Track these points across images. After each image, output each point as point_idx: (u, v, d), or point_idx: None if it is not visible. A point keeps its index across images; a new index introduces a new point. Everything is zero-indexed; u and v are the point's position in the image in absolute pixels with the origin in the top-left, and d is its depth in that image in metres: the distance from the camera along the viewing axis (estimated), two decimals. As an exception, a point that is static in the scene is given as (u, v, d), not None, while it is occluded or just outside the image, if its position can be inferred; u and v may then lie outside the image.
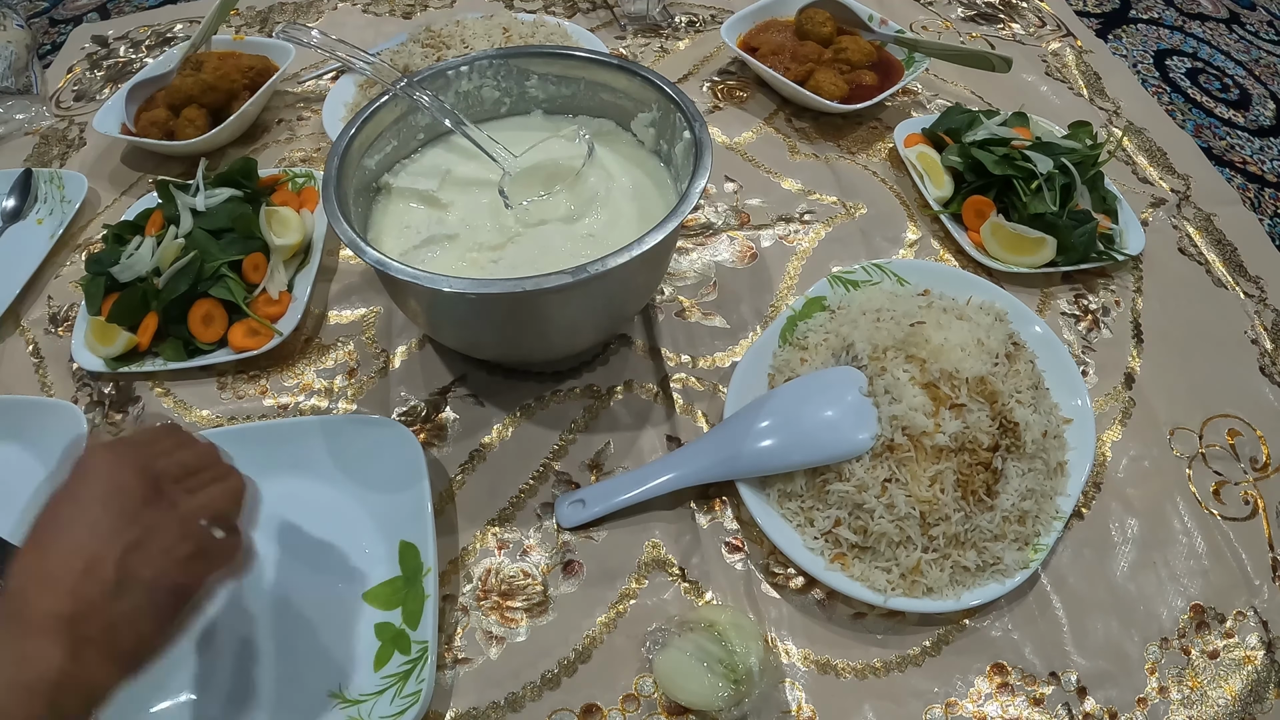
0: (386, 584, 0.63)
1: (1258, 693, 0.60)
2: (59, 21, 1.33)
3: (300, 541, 0.65)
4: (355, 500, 0.67)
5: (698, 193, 0.63)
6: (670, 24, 1.20)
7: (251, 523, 0.50)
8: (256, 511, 0.50)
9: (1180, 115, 1.10)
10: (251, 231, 0.80)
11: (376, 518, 0.66)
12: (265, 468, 0.67)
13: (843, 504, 0.62)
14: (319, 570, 0.64)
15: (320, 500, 0.67)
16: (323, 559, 0.65)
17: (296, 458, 0.68)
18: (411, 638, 0.59)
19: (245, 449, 0.67)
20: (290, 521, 0.66)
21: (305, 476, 0.68)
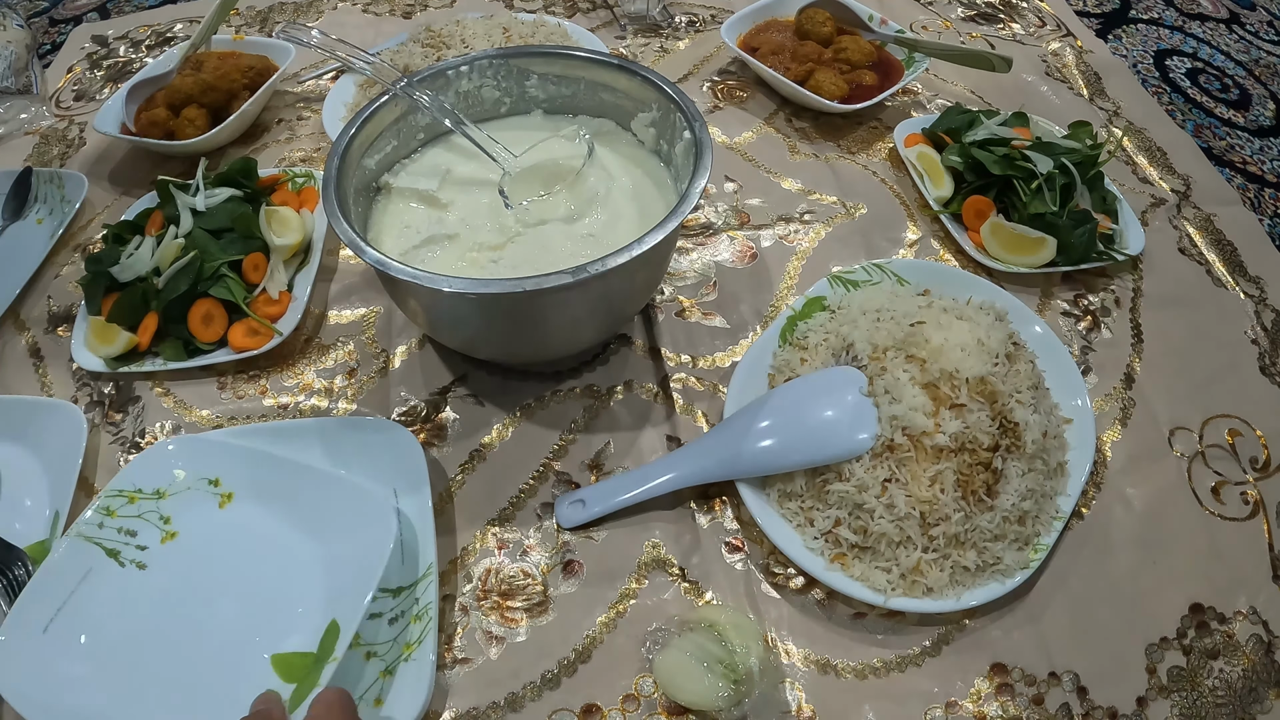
0: (299, 655, 0.59)
1: (1258, 693, 0.60)
2: (59, 21, 1.33)
3: (297, 543, 0.65)
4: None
5: (698, 193, 0.63)
6: (670, 24, 1.20)
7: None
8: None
9: (1180, 115, 1.10)
10: (251, 231, 0.80)
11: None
12: (264, 469, 0.68)
13: (843, 504, 0.62)
14: (315, 573, 0.64)
15: (320, 501, 0.67)
16: (320, 561, 0.64)
17: (296, 459, 0.68)
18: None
19: (244, 449, 0.68)
20: (288, 524, 0.66)
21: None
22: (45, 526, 0.67)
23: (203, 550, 0.64)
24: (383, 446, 0.67)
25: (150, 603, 0.61)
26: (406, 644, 0.59)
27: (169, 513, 0.65)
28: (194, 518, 0.65)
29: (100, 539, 0.63)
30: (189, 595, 0.62)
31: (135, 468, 0.66)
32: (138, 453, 0.73)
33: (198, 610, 0.61)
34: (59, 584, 0.60)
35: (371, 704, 0.57)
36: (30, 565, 0.64)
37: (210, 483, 0.66)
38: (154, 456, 0.67)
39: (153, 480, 0.66)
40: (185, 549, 0.64)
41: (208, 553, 0.64)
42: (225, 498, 0.66)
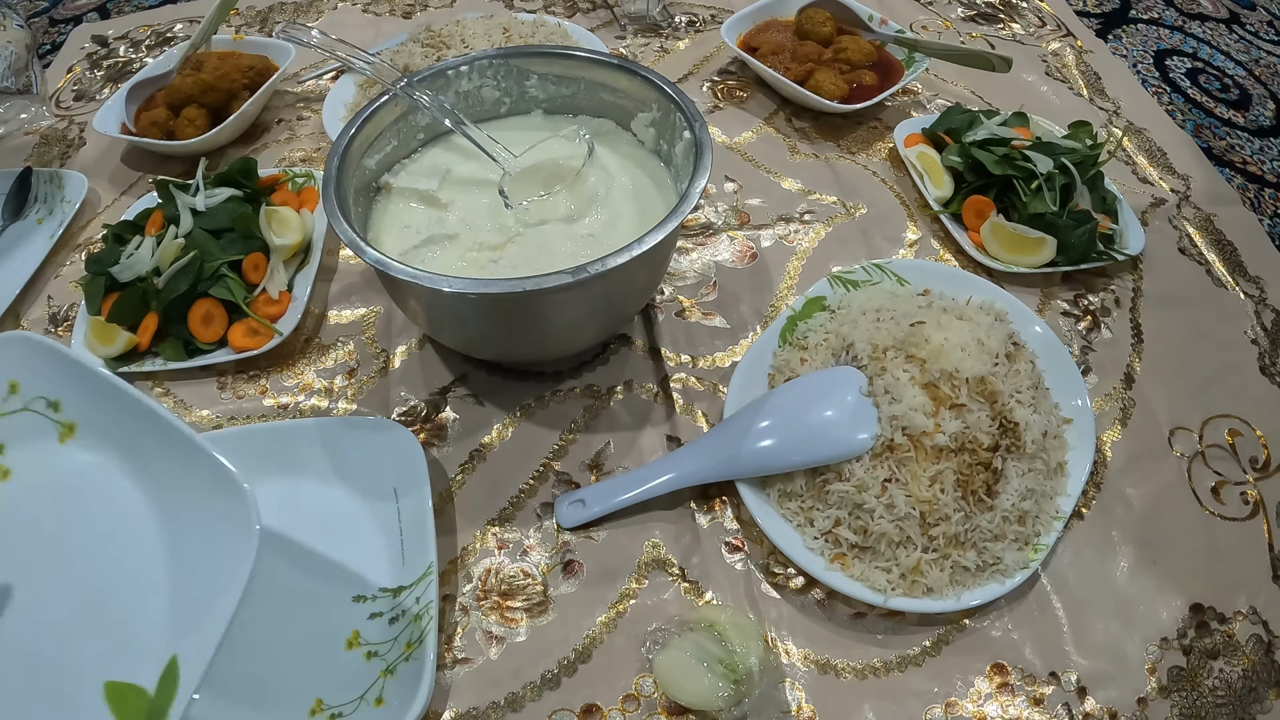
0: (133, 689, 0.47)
1: (1258, 693, 0.60)
2: (59, 21, 1.33)
3: (297, 544, 0.65)
4: (355, 501, 0.67)
5: (698, 193, 0.63)
6: (670, 24, 1.20)
7: None
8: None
9: (1180, 115, 1.10)
10: (251, 231, 0.80)
11: (377, 519, 0.66)
12: (264, 469, 0.68)
13: (843, 504, 0.62)
14: (314, 573, 0.64)
15: (319, 502, 0.67)
16: (320, 562, 0.65)
17: (296, 459, 0.68)
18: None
19: (245, 450, 0.68)
20: (288, 523, 0.66)
21: (305, 478, 0.68)
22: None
23: (31, 502, 0.51)
24: (383, 446, 0.67)
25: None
26: (407, 644, 0.59)
27: (3, 439, 0.53)
28: (28, 453, 0.52)
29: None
30: (3, 567, 0.49)
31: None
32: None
33: (14, 595, 0.48)
34: None
35: (372, 704, 0.57)
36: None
37: (50, 405, 0.53)
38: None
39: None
40: (12, 496, 0.51)
41: (36, 508, 0.51)
42: (66, 429, 0.53)
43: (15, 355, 0.53)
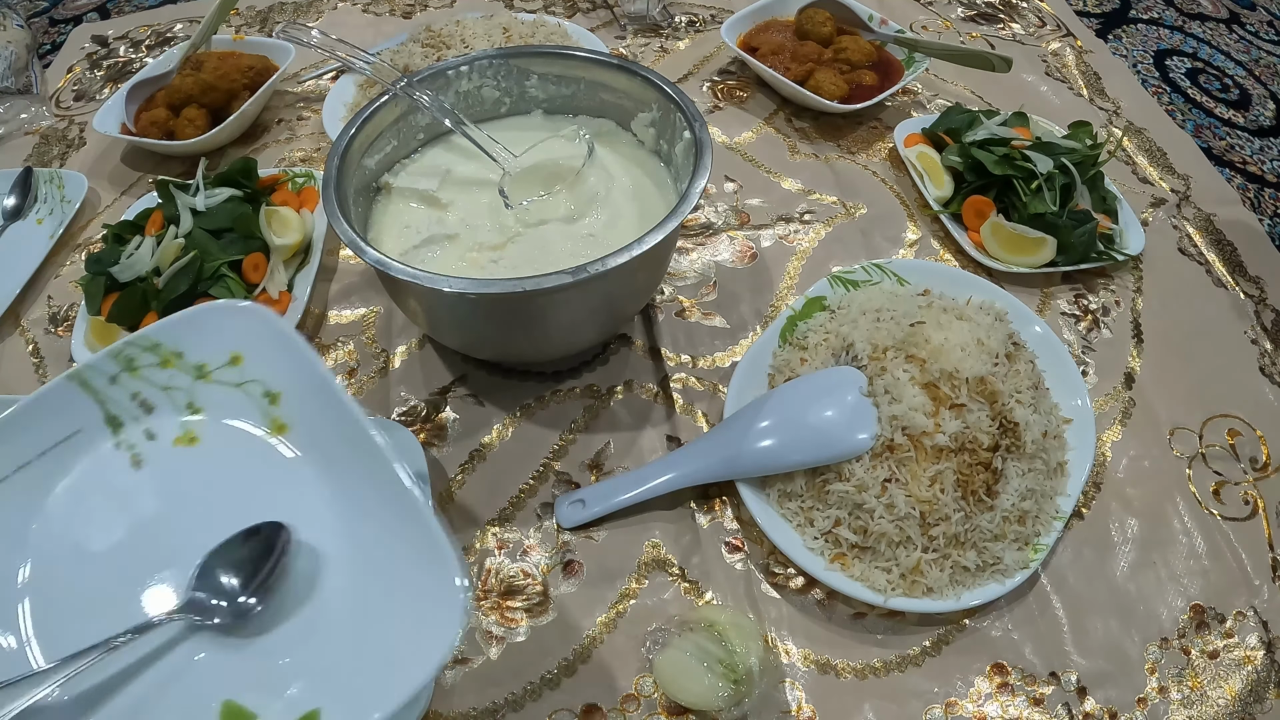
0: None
1: (1258, 693, 0.60)
2: (59, 21, 1.33)
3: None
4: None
5: (698, 193, 0.63)
6: (670, 24, 1.20)
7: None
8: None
9: (1180, 115, 1.10)
10: (251, 231, 0.80)
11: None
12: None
13: (843, 504, 0.62)
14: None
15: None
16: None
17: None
18: None
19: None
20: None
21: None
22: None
23: (211, 484, 0.48)
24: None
25: (119, 526, 0.47)
26: (406, 644, 0.59)
27: (202, 403, 0.49)
28: (226, 431, 0.49)
29: (106, 396, 0.48)
30: (164, 544, 0.46)
31: (184, 322, 0.49)
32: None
33: (165, 573, 0.45)
34: (31, 435, 0.47)
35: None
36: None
37: (268, 395, 0.49)
38: (214, 317, 0.50)
39: (200, 349, 0.49)
40: (194, 470, 0.48)
41: (214, 492, 0.48)
42: (276, 426, 0.49)
43: (246, 329, 0.49)
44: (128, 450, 0.49)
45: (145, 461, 0.48)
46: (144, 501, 0.48)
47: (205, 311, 0.50)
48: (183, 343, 0.49)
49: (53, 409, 0.48)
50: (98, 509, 0.47)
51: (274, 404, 0.49)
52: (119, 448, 0.49)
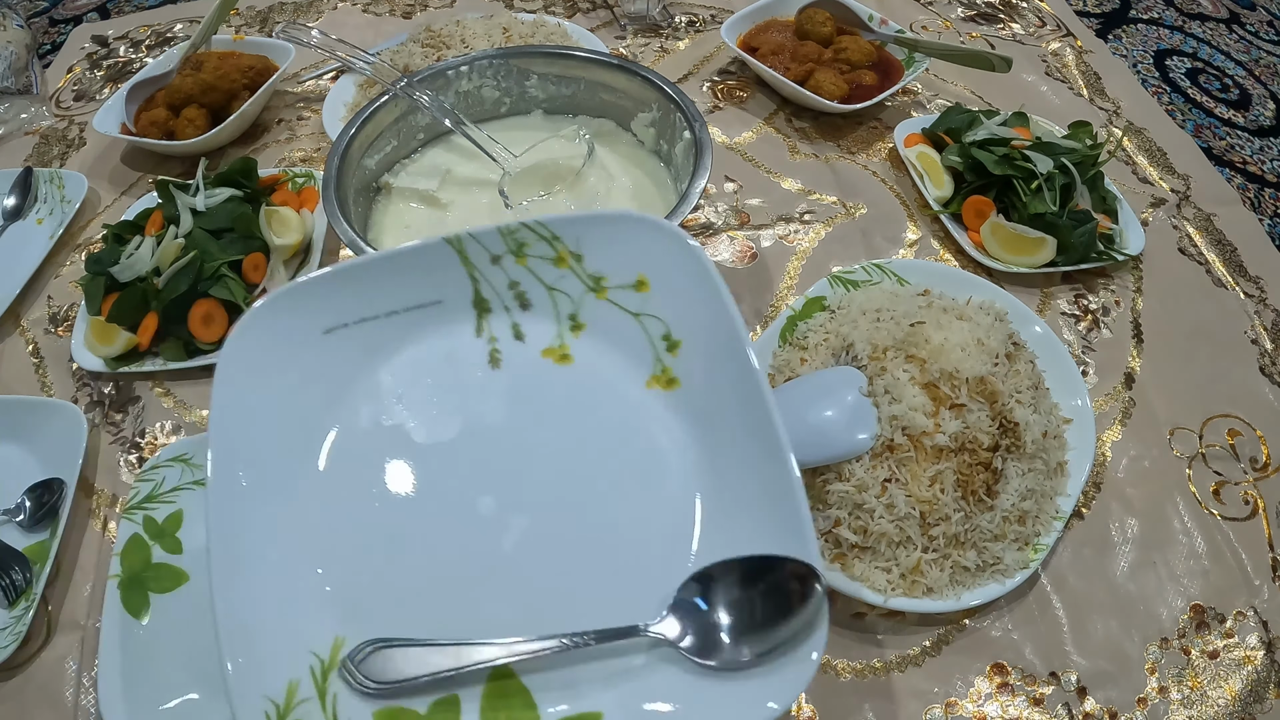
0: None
1: (1258, 693, 0.60)
2: (59, 21, 1.33)
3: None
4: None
5: (698, 193, 0.63)
6: (670, 24, 1.20)
7: None
8: None
9: (1180, 115, 1.10)
10: (251, 231, 0.80)
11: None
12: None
13: (843, 504, 0.62)
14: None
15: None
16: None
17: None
18: None
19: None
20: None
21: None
22: (45, 528, 0.67)
23: (568, 415, 0.42)
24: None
25: (451, 425, 0.42)
26: (407, 644, 0.58)
27: (587, 319, 0.44)
28: (604, 362, 0.43)
29: (482, 274, 0.43)
30: (493, 464, 0.41)
31: (595, 223, 0.43)
32: (137, 453, 0.73)
33: (484, 500, 0.41)
34: (390, 288, 0.42)
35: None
36: (31, 568, 0.64)
37: (666, 339, 0.43)
38: (632, 229, 0.43)
39: (604, 258, 0.43)
40: (554, 392, 0.43)
41: (568, 426, 0.42)
42: (665, 379, 0.42)
43: (665, 254, 0.42)
44: (488, 343, 0.44)
45: (504, 362, 0.43)
46: (489, 407, 0.42)
47: (623, 219, 0.43)
48: (586, 244, 0.43)
49: (421, 267, 0.43)
50: (435, 397, 0.42)
51: (671, 351, 0.42)
52: (479, 336, 0.44)
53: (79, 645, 0.62)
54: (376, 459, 0.42)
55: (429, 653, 0.36)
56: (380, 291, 0.43)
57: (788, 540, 0.37)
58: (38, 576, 0.63)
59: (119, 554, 0.62)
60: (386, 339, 0.43)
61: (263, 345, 0.41)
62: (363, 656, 0.37)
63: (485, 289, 0.43)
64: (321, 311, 0.42)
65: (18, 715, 0.59)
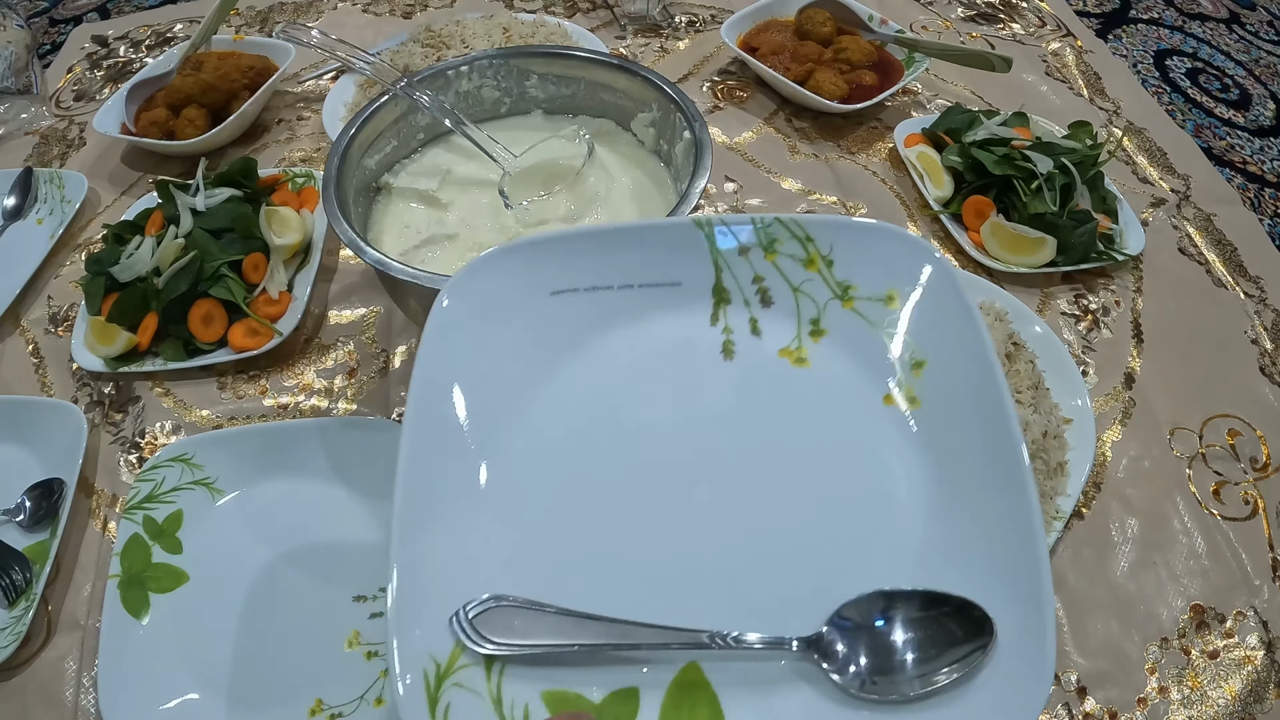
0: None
1: (1258, 693, 0.60)
2: (59, 21, 1.33)
3: (298, 544, 0.65)
4: (355, 501, 0.67)
5: (698, 193, 0.63)
6: (670, 24, 1.20)
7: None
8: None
9: (1180, 115, 1.10)
10: (251, 231, 0.80)
11: (377, 519, 0.66)
12: (264, 469, 0.68)
13: (843, 504, 0.62)
14: (314, 574, 0.64)
15: (320, 502, 0.67)
16: (320, 562, 0.65)
17: (296, 459, 0.68)
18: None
19: (245, 450, 0.68)
20: (289, 523, 0.66)
21: (305, 478, 0.68)
22: (45, 528, 0.67)
23: (799, 420, 0.42)
24: (383, 446, 0.67)
25: (669, 407, 0.42)
26: (407, 644, 0.58)
27: (829, 326, 0.43)
28: (842, 370, 0.42)
29: (727, 263, 0.42)
30: (711, 457, 0.40)
31: (851, 230, 0.43)
32: (137, 453, 0.73)
33: (699, 491, 0.40)
34: (632, 259, 0.41)
35: (372, 704, 0.57)
36: (31, 568, 0.64)
37: (911, 357, 0.41)
38: (889, 241, 0.42)
39: (856, 267, 0.42)
40: (787, 394, 0.42)
41: (797, 432, 0.41)
42: (907, 397, 0.41)
43: (916, 272, 0.41)
44: (723, 333, 0.43)
45: (737, 355, 0.42)
46: (716, 397, 0.42)
47: (880, 230, 0.42)
48: (839, 250, 0.42)
49: (664, 245, 0.42)
50: (662, 377, 0.42)
51: (914, 370, 0.41)
52: (714, 325, 0.43)
53: (79, 645, 0.62)
54: (589, 430, 0.41)
55: (551, 619, 0.36)
56: (617, 262, 0.42)
57: (1014, 586, 0.35)
58: (38, 576, 0.63)
59: (119, 554, 0.62)
60: (617, 311, 0.43)
61: (484, 295, 0.41)
62: (479, 611, 0.36)
63: (727, 279, 0.43)
64: (552, 272, 0.42)
65: (18, 715, 0.59)
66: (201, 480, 0.67)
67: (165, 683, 0.58)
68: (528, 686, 0.35)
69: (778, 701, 0.34)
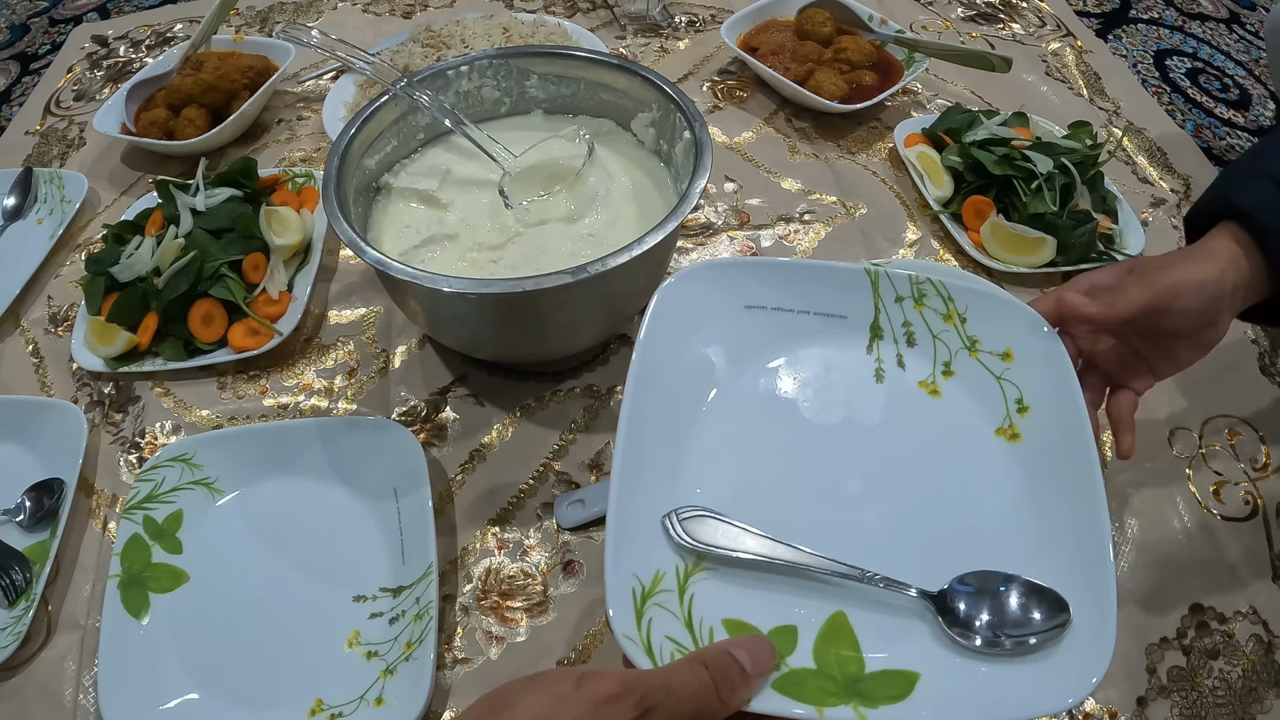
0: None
1: (1258, 693, 0.60)
2: (59, 21, 1.33)
3: (298, 544, 0.65)
4: (355, 501, 0.67)
5: (698, 193, 0.63)
6: (670, 24, 1.20)
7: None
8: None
9: (1180, 115, 1.10)
10: (251, 231, 0.80)
11: (377, 519, 0.66)
12: (264, 469, 0.68)
13: (843, 504, 0.62)
14: (314, 574, 0.64)
15: (320, 502, 0.67)
16: (320, 562, 0.65)
17: (296, 459, 0.68)
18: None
19: (245, 450, 0.68)
20: (289, 523, 0.66)
21: (305, 478, 0.68)
22: (45, 528, 0.67)
23: (927, 439, 0.52)
24: (383, 446, 0.67)
25: (835, 413, 0.53)
26: (407, 643, 0.59)
27: (957, 369, 0.54)
28: (964, 403, 0.53)
29: (884, 307, 0.55)
30: (858, 461, 0.51)
31: (984, 299, 0.54)
32: (137, 453, 0.73)
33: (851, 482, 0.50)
34: (810, 289, 0.55)
35: (372, 704, 0.57)
36: (31, 568, 0.64)
37: (1018, 403, 0.52)
38: (1011, 311, 0.53)
39: (983, 327, 0.53)
40: (922, 416, 0.53)
41: (926, 447, 0.52)
42: (1010, 432, 0.52)
43: (1031, 339, 0.52)
44: (875, 361, 0.54)
45: (886, 380, 0.53)
46: (869, 410, 0.53)
47: (1008, 302, 0.53)
48: (971, 311, 0.53)
49: (838, 285, 0.54)
50: (826, 388, 0.53)
51: (1020, 413, 0.51)
52: (869, 354, 0.54)
53: (79, 645, 0.62)
54: (766, 421, 0.52)
55: (745, 535, 0.46)
56: (799, 292, 0.54)
57: (1087, 580, 0.44)
58: (38, 576, 0.63)
59: (119, 554, 0.62)
60: (795, 331, 0.54)
61: (694, 295, 0.52)
62: (690, 515, 0.46)
63: (883, 319, 0.54)
64: (748, 289, 0.53)
65: (18, 715, 0.59)
66: (201, 480, 0.67)
67: (165, 683, 0.58)
68: (711, 613, 0.44)
69: (901, 645, 0.43)
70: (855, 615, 0.44)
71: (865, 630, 0.44)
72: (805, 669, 0.42)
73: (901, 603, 0.45)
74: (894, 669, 0.42)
